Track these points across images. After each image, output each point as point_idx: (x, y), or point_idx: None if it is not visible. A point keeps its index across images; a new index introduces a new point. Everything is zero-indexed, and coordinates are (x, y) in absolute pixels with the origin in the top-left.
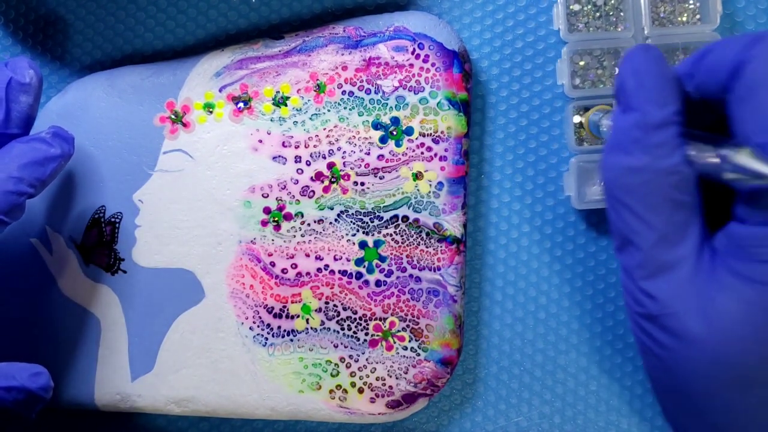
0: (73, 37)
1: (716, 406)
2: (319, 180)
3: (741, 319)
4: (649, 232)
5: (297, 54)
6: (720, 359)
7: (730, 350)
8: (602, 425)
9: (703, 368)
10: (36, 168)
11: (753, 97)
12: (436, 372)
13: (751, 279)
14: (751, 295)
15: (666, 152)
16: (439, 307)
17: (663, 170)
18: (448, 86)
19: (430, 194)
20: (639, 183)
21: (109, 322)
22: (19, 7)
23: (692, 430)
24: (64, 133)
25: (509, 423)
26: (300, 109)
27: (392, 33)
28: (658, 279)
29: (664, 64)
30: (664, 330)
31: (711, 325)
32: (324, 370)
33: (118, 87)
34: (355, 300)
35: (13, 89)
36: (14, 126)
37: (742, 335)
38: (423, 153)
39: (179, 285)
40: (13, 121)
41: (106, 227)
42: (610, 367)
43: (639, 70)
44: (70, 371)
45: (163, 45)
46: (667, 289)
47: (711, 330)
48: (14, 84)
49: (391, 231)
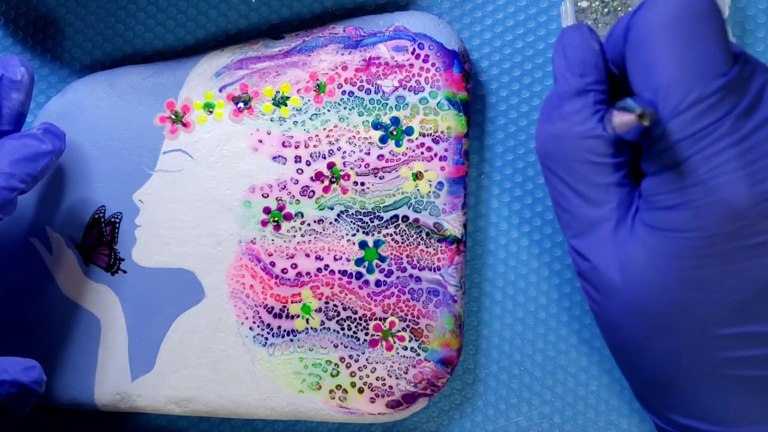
0: (73, 37)
1: (639, 353)
2: (319, 180)
3: (647, 267)
4: (571, 194)
5: (297, 54)
6: (635, 308)
7: (642, 299)
8: (602, 425)
9: (622, 318)
10: (27, 164)
11: (636, 57)
12: (436, 372)
13: (652, 226)
14: (653, 242)
15: (582, 118)
16: (439, 307)
17: (578, 135)
18: (448, 86)
19: (430, 194)
20: (559, 149)
21: (109, 322)
22: (19, 7)
23: (629, 379)
24: (55, 129)
25: (509, 423)
26: (300, 109)
27: (392, 33)
28: (584, 237)
29: (591, 40)
30: (592, 285)
31: (625, 276)
32: (324, 370)
33: (118, 87)
34: (355, 300)
35: (4, 86)
36: (5, 123)
37: (650, 282)
38: (423, 153)
39: (179, 285)
40: (5, 118)
41: (106, 227)
42: (610, 367)
43: (566, 44)
44: (69, 371)
45: (163, 45)
46: (591, 246)
47: (626, 281)
48: (5, 81)
49: (391, 231)
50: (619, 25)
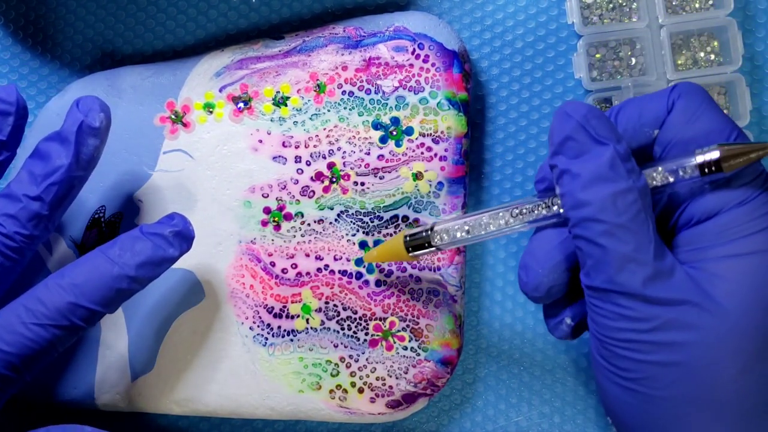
0: (73, 37)
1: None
2: (319, 180)
3: (748, 293)
4: (650, 245)
5: (297, 54)
6: (746, 330)
7: (752, 319)
8: (602, 425)
9: (731, 344)
10: (152, 268)
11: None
12: (436, 372)
13: (746, 253)
14: (741, 265)
15: (638, 175)
16: (439, 307)
17: (641, 190)
18: (448, 86)
19: (430, 194)
20: (629, 203)
21: (109, 322)
22: (19, 7)
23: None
24: (187, 231)
25: (509, 423)
26: (300, 109)
27: (392, 33)
28: (668, 284)
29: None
30: (682, 329)
31: (728, 305)
32: (324, 370)
33: (118, 87)
34: (355, 300)
35: (83, 132)
36: (80, 169)
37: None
38: (423, 153)
39: (179, 285)
40: (80, 163)
41: (106, 227)
42: None
43: (592, 113)
44: (70, 371)
45: (163, 45)
46: (679, 289)
47: (733, 304)
48: (85, 128)
49: (391, 231)
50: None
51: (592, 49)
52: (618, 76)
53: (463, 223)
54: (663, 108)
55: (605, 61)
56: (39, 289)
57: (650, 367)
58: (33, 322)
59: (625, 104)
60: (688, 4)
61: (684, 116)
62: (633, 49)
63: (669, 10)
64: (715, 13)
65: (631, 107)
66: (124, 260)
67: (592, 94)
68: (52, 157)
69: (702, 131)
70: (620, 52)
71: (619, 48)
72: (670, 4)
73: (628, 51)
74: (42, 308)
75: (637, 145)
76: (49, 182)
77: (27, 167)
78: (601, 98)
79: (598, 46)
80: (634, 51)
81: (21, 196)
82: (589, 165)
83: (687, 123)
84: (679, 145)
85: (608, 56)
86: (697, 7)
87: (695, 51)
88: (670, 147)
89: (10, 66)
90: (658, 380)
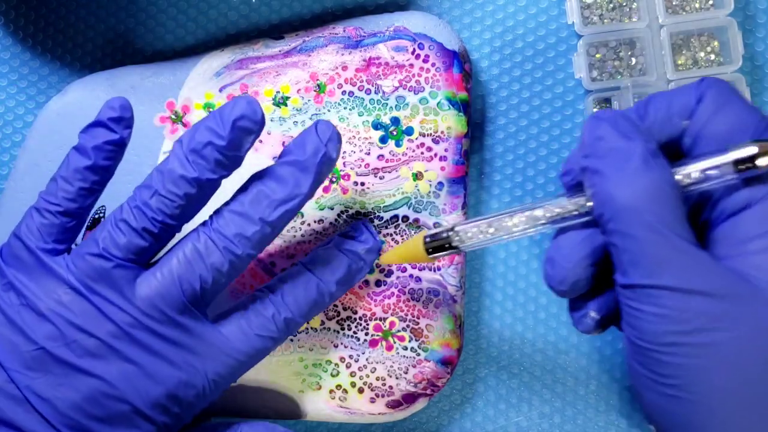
0: (73, 37)
1: None
2: None
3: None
4: (687, 238)
5: (297, 54)
6: None
7: None
8: (602, 425)
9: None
10: (345, 287)
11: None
12: (436, 372)
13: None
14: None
15: (669, 170)
16: (439, 307)
17: (674, 184)
18: (448, 86)
19: (430, 194)
20: (664, 197)
21: None
22: (19, 7)
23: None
24: (376, 245)
25: (509, 423)
26: (300, 109)
27: (392, 33)
28: (711, 276)
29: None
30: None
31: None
32: (324, 370)
33: (118, 87)
34: (355, 300)
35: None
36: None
37: None
38: (423, 153)
39: None
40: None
41: None
42: (610, 367)
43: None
44: None
45: (163, 45)
46: (723, 282)
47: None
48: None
49: (391, 231)
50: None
51: (592, 49)
52: (618, 76)
53: (486, 224)
54: (692, 98)
55: (605, 61)
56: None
57: (694, 371)
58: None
59: (653, 97)
60: (688, 4)
61: (714, 106)
62: (633, 49)
63: (669, 10)
64: (715, 13)
65: (659, 99)
66: (326, 278)
67: (592, 94)
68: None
69: (733, 121)
70: (620, 52)
71: (619, 48)
72: (670, 4)
73: (629, 51)
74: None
75: (667, 137)
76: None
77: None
78: (601, 98)
79: (598, 46)
80: (634, 51)
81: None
82: (620, 162)
83: (717, 113)
84: (709, 137)
85: (608, 56)
86: (697, 7)
87: (695, 51)
88: (701, 138)
89: (10, 66)
90: (702, 384)
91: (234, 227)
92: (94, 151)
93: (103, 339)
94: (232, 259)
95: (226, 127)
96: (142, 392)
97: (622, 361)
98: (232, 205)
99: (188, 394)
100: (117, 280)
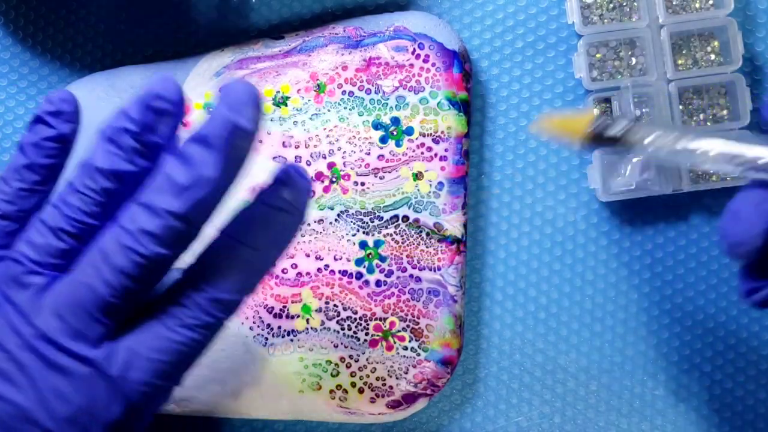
0: (73, 37)
1: None
2: (320, 180)
3: None
4: None
5: (297, 54)
6: None
7: None
8: (602, 425)
9: None
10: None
11: None
12: (436, 372)
13: None
14: None
15: None
16: (440, 307)
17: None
18: (448, 86)
19: (430, 194)
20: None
21: None
22: (19, 7)
23: None
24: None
25: (509, 423)
26: (300, 109)
27: (392, 33)
28: None
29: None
30: None
31: None
32: (324, 370)
33: (118, 87)
34: (355, 300)
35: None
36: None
37: None
38: (423, 153)
39: None
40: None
41: None
42: (610, 367)
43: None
44: None
45: (163, 45)
46: None
47: None
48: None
49: (392, 231)
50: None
51: (593, 49)
52: (618, 76)
53: (674, 137)
54: None
55: (605, 61)
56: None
57: None
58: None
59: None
60: (689, 4)
61: None
62: (633, 49)
63: (669, 10)
64: (715, 13)
65: None
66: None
67: (592, 94)
68: None
69: None
70: (620, 52)
71: (619, 48)
72: (671, 4)
73: (629, 51)
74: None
75: None
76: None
77: None
78: (601, 98)
79: (598, 46)
80: (635, 51)
81: None
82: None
83: None
84: None
85: (608, 56)
86: (698, 7)
87: (695, 51)
88: None
89: (10, 66)
90: None
91: (139, 222)
92: (32, 148)
93: (12, 352)
94: (139, 260)
95: (138, 109)
96: (50, 411)
97: (623, 362)
98: (137, 194)
99: (110, 409)
100: (28, 286)
